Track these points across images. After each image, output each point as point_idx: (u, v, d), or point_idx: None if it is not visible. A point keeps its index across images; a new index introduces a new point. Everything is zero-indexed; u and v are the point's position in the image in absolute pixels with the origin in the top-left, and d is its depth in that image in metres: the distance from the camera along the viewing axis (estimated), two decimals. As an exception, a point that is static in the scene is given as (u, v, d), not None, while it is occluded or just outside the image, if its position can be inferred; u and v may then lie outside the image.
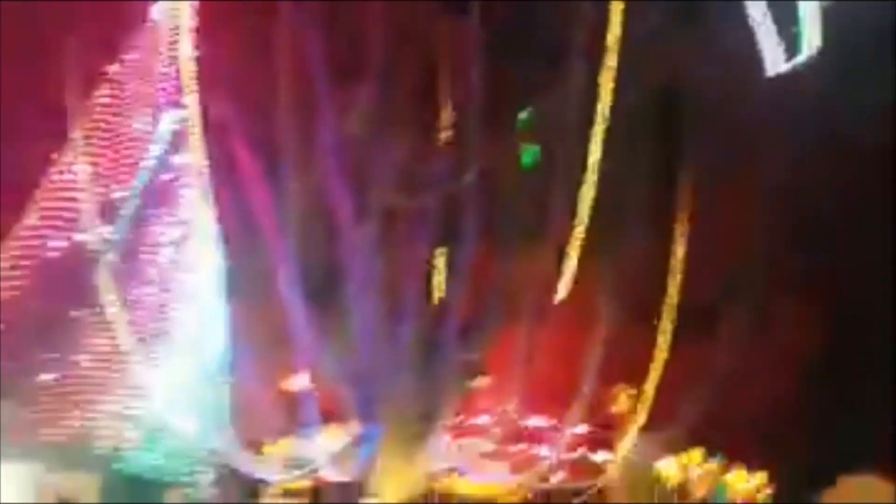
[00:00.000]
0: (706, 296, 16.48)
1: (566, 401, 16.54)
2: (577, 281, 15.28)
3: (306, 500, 17.47)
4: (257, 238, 15.07)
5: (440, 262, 15.64)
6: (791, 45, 13.14)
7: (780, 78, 13.18)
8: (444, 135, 14.16)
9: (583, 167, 14.11)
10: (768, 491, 21.91)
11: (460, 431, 17.46)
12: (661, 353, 16.11)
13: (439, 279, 15.76)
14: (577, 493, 17.43)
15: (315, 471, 16.94)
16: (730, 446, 19.21)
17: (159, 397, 15.15)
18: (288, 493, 17.15)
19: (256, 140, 14.60)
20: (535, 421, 18.04)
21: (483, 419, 17.22)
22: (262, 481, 16.51)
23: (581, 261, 15.08)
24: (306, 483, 17.88)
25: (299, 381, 16.58)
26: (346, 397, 16.48)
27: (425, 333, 15.82)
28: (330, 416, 17.23)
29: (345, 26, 14.05)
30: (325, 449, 16.59)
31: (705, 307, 16.48)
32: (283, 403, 16.84)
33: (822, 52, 13.07)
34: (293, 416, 16.38)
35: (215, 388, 16.02)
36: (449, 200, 14.76)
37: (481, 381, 17.15)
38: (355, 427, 16.49)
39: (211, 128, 13.99)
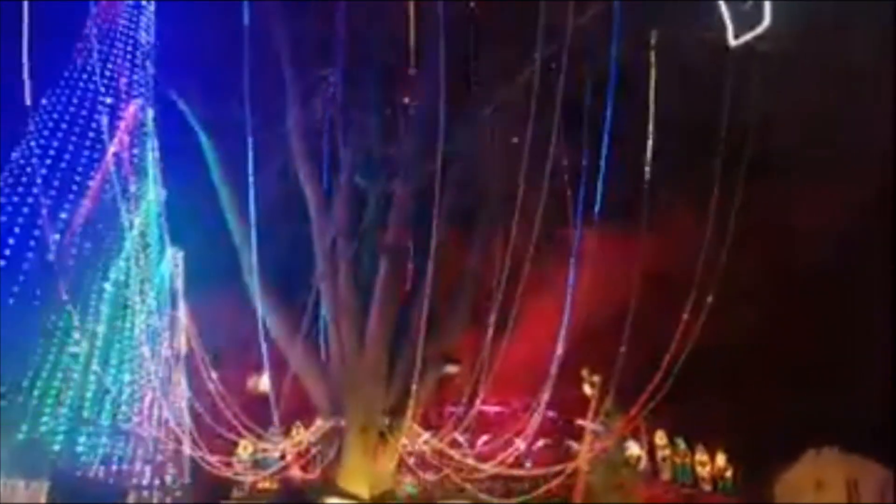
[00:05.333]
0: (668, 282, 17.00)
1: (534, 388, 16.89)
2: (545, 266, 15.63)
3: (274, 500, 17.46)
4: (220, 228, 15.12)
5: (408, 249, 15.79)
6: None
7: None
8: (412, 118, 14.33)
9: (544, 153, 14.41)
10: (729, 473, 22.85)
11: (430, 423, 17.73)
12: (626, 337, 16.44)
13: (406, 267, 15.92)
14: (547, 478, 17.87)
15: (282, 470, 16.98)
16: (692, 428, 20.01)
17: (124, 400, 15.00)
18: (256, 492, 17.12)
19: (219, 125, 14.64)
20: (504, 408, 18.49)
21: (452, 409, 17.46)
22: (230, 482, 16.44)
23: (548, 247, 15.44)
24: (274, 482, 17.90)
25: (264, 379, 16.60)
26: (313, 393, 16.53)
27: (393, 320, 15.93)
28: (297, 413, 17.28)
29: (312, 8, 14.11)
30: (292, 447, 16.63)
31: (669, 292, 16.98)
32: (248, 403, 16.83)
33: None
34: (260, 415, 16.36)
35: (178, 389, 15.95)
36: (417, 185, 14.93)
37: (451, 370, 17.43)
38: (322, 424, 16.52)
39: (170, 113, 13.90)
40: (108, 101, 14.42)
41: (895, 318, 18.84)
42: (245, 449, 17.45)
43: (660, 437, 21.40)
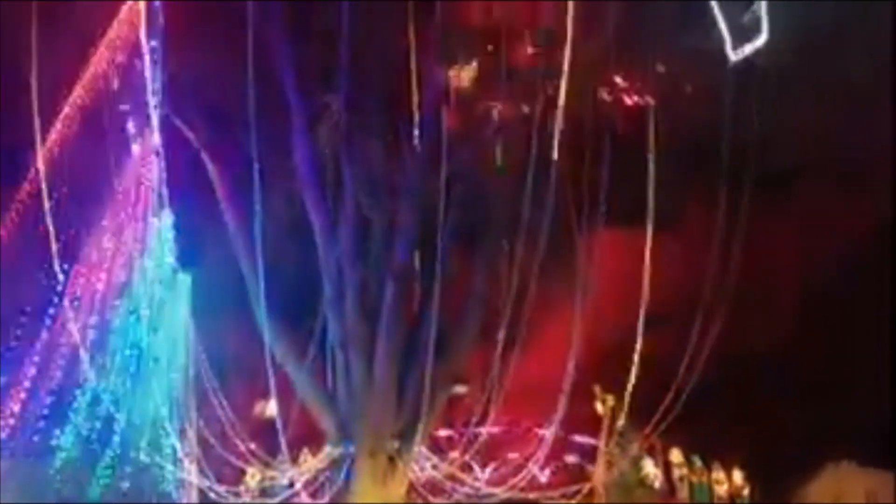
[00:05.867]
0: (678, 295, 17.09)
1: (547, 406, 16.90)
2: (552, 283, 15.75)
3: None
4: (227, 253, 15.27)
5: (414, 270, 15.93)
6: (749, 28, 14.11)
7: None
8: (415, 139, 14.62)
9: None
10: (746, 491, 22.65)
11: (440, 446, 17.70)
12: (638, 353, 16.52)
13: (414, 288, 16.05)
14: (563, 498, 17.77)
15: (291, 497, 16.94)
16: (708, 444, 19.90)
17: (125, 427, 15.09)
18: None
19: (225, 151, 14.89)
20: (514, 429, 18.46)
21: (463, 430, 17.44)
22: (237, 511, 16.39)
23: (556, 263, 15.56)
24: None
25: (271, 405, 16.63)
26: (320, 419, 16.55)
27: (401, 344, 16.00)
28: (304, 439, 17.28)
29: (312, 32, 14.42)
30: (300, 475, 16.61)
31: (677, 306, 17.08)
32: (256, 429, 16.86)
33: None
34: (267, 441, 16.38)
35: (185, 415, 16.00)
36: (422, 207, 15.13)
37: (459, 391, 17.46)
38: (330, 450, 16.52)
39: (177, 139, 14.17)
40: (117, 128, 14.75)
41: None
42: (253, 477, 17.40)
43: (675, 455, 21.22)
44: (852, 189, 18.07)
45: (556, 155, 13.86)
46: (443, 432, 18.02)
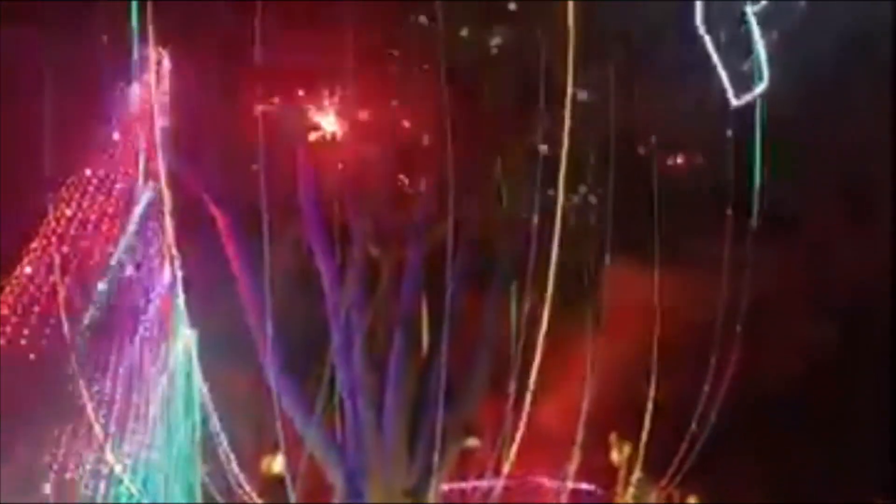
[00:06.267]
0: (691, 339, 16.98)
1: (562, 456, 16.63)
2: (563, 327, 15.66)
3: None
4: (232, 304, 15.28)
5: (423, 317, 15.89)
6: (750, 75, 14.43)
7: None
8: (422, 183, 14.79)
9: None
10: (765, 539, 22.00)
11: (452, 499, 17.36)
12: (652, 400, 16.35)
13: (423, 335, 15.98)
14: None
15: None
16: (725, 490, 19.47)
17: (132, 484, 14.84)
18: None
19: (230, 199, 15.07)
20: (531, 481, 18.09)
21: (476, 483, 17.11)
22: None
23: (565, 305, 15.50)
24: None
25: (279, 460, 16.41)
26: (329, 474, 16.31)
27: (410, 393, 15.87)
28: (313, 494, 16.98)
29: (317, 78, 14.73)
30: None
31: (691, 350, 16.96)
32: (263, 485, 16.60)
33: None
34: (274, 498, 16.11)
35: (191, 472, 15.72)
36: (429, 252, 15.19)
37: (471, 443, 17.21)
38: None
39: (181, 187, 14.34)
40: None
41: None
42: (262, 533, 17.01)
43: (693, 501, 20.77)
44: (862, 227, 18.15)
45: (559, 214, 13.95)
46: (455, 485, 17.73)
